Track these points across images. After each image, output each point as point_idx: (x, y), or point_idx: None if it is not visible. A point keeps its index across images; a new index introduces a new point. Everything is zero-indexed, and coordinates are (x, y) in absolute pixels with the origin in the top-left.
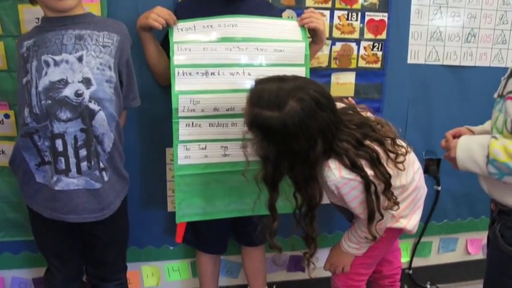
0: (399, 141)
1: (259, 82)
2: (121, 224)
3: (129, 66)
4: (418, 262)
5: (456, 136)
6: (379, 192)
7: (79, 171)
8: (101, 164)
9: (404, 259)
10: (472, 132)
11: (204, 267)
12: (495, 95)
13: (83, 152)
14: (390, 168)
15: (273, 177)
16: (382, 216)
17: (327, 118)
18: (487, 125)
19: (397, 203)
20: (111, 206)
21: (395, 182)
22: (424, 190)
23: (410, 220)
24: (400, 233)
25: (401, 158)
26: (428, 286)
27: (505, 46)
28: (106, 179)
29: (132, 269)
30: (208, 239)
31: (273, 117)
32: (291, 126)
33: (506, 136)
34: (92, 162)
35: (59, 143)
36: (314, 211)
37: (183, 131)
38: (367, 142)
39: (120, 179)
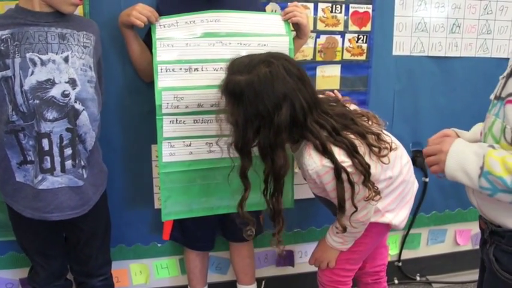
0: (384, 137)
1: (236, 57)
2: (103, 215)
3: (101, 65)
4: (407, 254)
5: None
6: (357, 183)
7: (63, 169)
8: (82, 162)
9: (394, 251)
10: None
11: (192, 264)
12: (491, 96)
13: (68, 151)
14: (374, 161)
15: (243, 143)
16: (356, 207)
17: (295, 86)
18: (477, 129)
19: (378, 192)
20: (89, 202)
21: (381, 174)
22: (413, 185)
23: (397, 215)
24: (388, 228)
25: (384, 152)
26: (417, 278)
27: (489, 36)
28: (85, 176)
29: (120, 267)
30: (195, 236)
31: (241, 80)
32: (257, 84)
33: (504, 147)
34: (77, 161)
35: (45, 143)
36: (280, 183)
37: (167, 127)
38: (345, 133)
39: (100, 173)
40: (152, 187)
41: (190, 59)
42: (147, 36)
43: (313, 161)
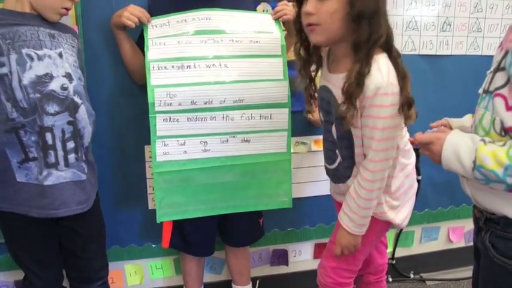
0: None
1: None
2: (98, 217)
3: (83, 69)
4: (400, 252)
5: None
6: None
7: (67, 164)
8: (84, 157)
9: (387, 249)
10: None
11: (188, 266)
12: (480, 91)
13: (70, 144)
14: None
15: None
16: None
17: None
18: (466, 120)
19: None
20: (91, 197)
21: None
22: (414, 182)
23: (398, 213)
24: (389, 226)
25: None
26: (411, 275)
27: (480, 34)
28: (86, 171)
29: (115, 267)
30: (196, 242)
31: None
32: None
33: (493, 137)
34: (79, 154)
35: (48, 137)
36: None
37: (160, 126)
38: None
39: (94, 171)
40: (146, 187)
41: (182, 56)
42: (140, 39)
43: (381, 74)
